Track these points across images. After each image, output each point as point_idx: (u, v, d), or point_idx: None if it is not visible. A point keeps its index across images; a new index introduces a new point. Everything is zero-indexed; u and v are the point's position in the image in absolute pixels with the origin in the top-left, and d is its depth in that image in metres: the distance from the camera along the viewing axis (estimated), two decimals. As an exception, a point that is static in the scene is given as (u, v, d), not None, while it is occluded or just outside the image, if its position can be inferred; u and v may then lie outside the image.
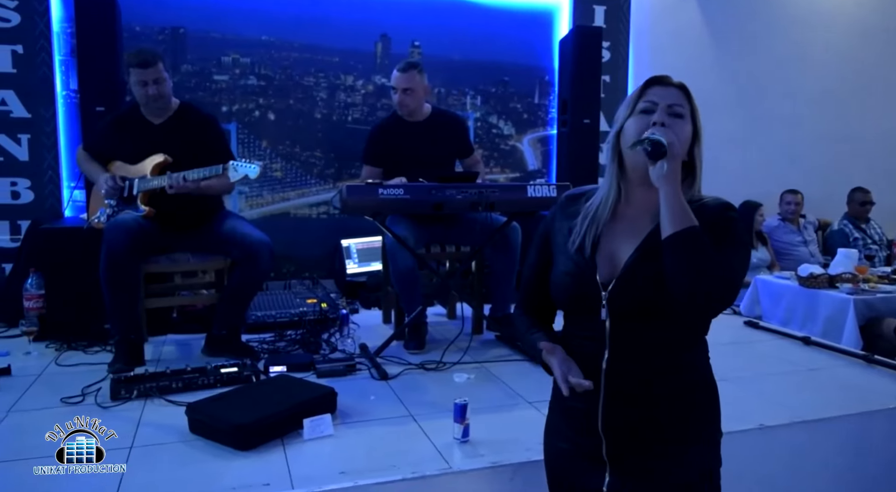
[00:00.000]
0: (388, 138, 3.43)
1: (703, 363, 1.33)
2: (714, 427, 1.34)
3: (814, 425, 2.27)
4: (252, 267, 2.89)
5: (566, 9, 4.92)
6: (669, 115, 1.26)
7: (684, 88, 1.30)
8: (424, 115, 3.48)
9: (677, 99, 1.27)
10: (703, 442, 1.31)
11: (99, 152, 3.04)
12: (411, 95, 3.36)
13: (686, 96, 1.29)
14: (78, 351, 3.05)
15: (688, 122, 1.27)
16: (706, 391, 1.34)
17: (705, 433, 1.32)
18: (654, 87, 1.29)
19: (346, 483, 1.80)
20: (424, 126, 3.46)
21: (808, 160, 5.66)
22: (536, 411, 2.32)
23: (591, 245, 1.29)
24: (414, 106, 3.40)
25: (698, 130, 1.29)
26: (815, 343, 3.28)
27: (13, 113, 3.87)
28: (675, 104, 1.27)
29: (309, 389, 2.34)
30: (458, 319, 3.69)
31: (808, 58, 5.69)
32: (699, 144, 1.29)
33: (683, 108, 1.27)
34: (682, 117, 1.27)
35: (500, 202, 2.97)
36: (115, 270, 2.75)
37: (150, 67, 2.80)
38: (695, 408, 1.30)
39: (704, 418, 1.32)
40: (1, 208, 3.92)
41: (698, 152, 1.29)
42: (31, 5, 3.84)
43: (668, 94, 1.28)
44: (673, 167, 1.19)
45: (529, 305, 1.45)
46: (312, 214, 4.48)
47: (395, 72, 3.39)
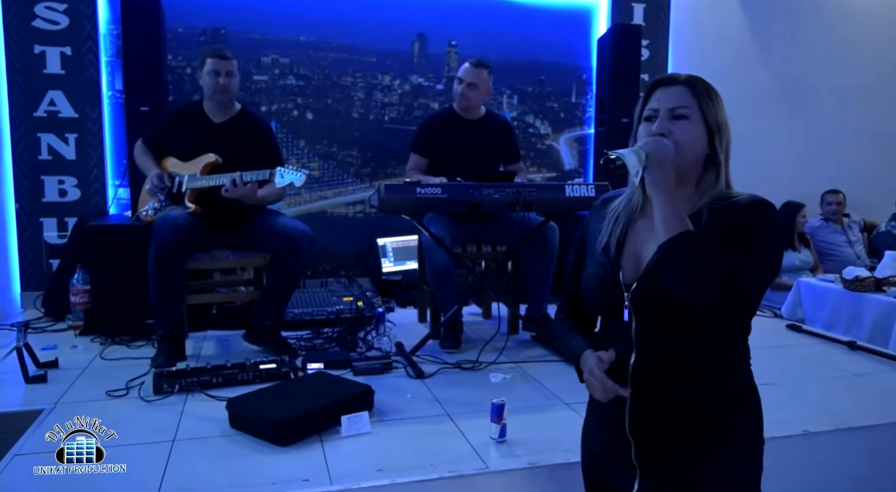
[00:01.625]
0: (439, 130, 3.46)
1: (740, 368, 1.28)
2: (753, 435, 1.28)
3: (860, 432, 2.21)
4: (293, 257, 2.93)
5: (605, 7, 4.87)
6: (672, 119, 1.23)
7: (691, 84, 1.25)
8: (479, 115, 3.50)
9: (680, 100, 1.24)
10: (739, 450, 1.24)
11: (156, 146, 3.11)
12: (474, 91, 3.38)
13: (693, 93, 1.24)
14: (122, 345, 3.12)
15: (694, 121, 1.24)
16: (743, 397, 1.28)
17: (741, 441, 1.25)
18: (657, 90, 1.27)
19: (383, 481, 1.81)
20: (477, 125, 3.47)
21: (853, 159, 5.50)
22: (573, 412, 2.30)
23: (616, 246, 1.29)
24: (475, 102, 3.42)
25: (719, 122, 1.25)
26: (861, 348, 3.19)
27: (61, 113, 3.98)
28: (676, 106, 1.23)
29: (346, 386, 2.37)
30: (493, 318, 3.68)
31: (852, 53, 5.53)
32: (720, 137, 1.25)
33: (688, 108, 1.23)
34: (686, 118, 1.23)
35: (537, 202, 2.96)
36: (163, 265, 2.81)
37: (228, 60, 2.98)
38: (730, 415, 1.25)
39: (740, 425, 1.26)
40: (49, 206, 4.03)
41: (720, 146, 1.25)
42: (78, 8, 3.94)
43: (671, 95, 1.25)
44: (659, 175, 1.17)
45: (569, 308, 1.45)
46: (349, 213, 4.52)
47: (465, 64, 3.42)
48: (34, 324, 3.44)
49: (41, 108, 3.95)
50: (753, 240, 1.17)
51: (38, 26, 3.90)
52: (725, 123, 1.26)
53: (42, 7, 3.89)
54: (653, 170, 1.18)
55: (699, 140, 1.24)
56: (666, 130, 1.22)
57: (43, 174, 4.00)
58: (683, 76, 1.27)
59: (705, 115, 1.24)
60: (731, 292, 1.13)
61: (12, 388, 2.56)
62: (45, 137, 3.97)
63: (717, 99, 1.26)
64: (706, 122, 1.24)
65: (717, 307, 1.13)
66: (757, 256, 1.16)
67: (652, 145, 1.19)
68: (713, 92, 1.27)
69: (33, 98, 3.93)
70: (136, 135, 3.28)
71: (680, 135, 1.22)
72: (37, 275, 4.00)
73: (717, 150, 1.24)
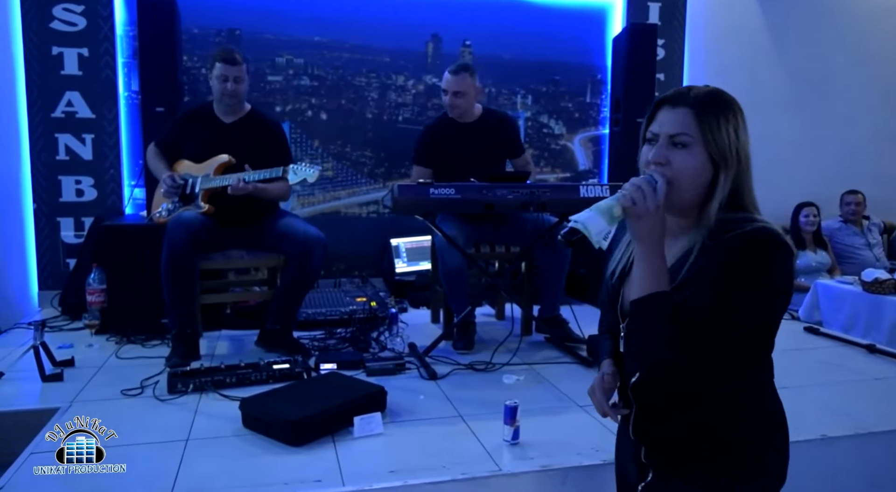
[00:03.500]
0: (438, 139, 3.43)
1: (751, 392, 1.19)
2: (769, 458, 1.20)
3: (880, 437, 2.18)
4: (306, 263, 2.94)
5: (620, 6, 4.84)
6: (671, 146, 1.14)
7: (698, 107, 1.13)
8: (475, 116, 3.46)
9: (682, 126, 1.13)
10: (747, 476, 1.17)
11: (169, 148, 3.13)
12: (462, 98, 3.34)
13: (697, 118, 1.13)
14: (137, 344, 3.14)
15: (695, 151, 1.13)
16: (757, 422, 1.19)
17: (752, 464, 1.17)
18: (661, 109, 1.17)
19: (395, 482, 1.80)
20: (475, 127, 3.45)
21: (872, 160, 5.43)
22: (587, 415, 2.29)
23: (620, 275, 1.28)
24: (464, 108, 3.38)
25: (725, 152, 1.13)
26: (881, 351, 3.14)
27: (78, 113, 4.02)
28: (677, 133, 1.13)
29: (359, 387, 2.36)
30: (506, 319, 3.67)
31: (871, 53, 5.45)
32: (726, 168, 1.13)
33: (689, 136, 1.13)
34: (685, 147, 1.13)
35: (551, 202, 2.94)
36: (175, 265, 2.83)
37: (236, 65, 2.97)
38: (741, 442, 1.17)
39: (754, 450, 1.18)
40: (66, 205, 4.07)
41: (724, 178, 1.13)
42: (95, 10, 3.98)
43: (673, 119, 1.14)
44: (639, 228, 1.10)
45: (603, 323, 1.45)
46: (362, 213, 4.52)
47: (445, 74, 3.37)
48: (51, 323, 3.48)
49: (59, 108, 3.99)
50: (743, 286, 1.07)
51: (56, 28, 3.94)
52: (736, 152, 1.13)
53: (60, 9, 3.93)
54: (632, 223, 1.11)
55: (700, 172, 1.13)
56: (663, 159, 1.14)
57: (60, 174, 4.04)
58: (691, 96, 1.15)
59: (708, 144, 1.12)
60: (683, 364, 1.10)
61: (29, 386, 2.58)
62: (63, 137, 4.02)
63: (727, 123, 1.13)
64: (709, 151, 1.13)
65: (666, 373, 1.14)
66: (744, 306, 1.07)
67: (630, 197, 1.10)
68: (725, 115, 1.14)
69: (51, 99, 3.98)
70: (152, 135, 3.31)
71: (678, 165, 1.13)
72: (54, 274, 4.05)
73: (718, 183, 1.13)
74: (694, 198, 1.16)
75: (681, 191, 1.14)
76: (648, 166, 1.17)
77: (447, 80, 3.35)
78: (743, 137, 1.15)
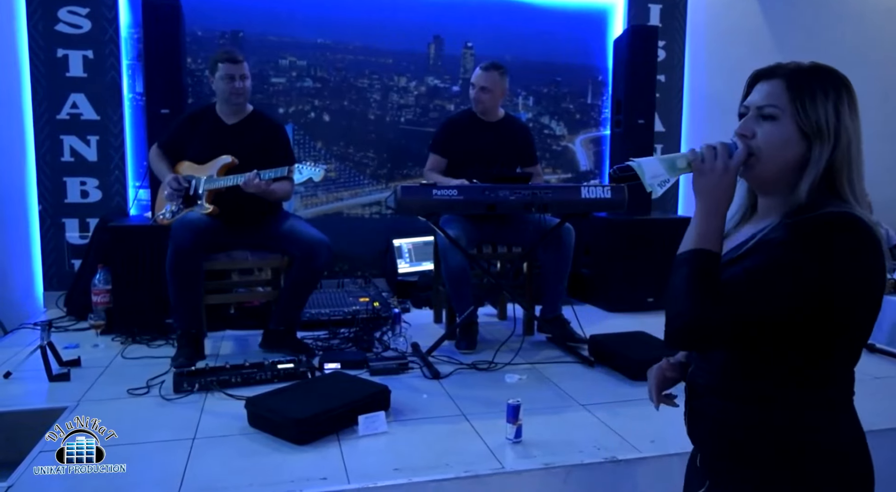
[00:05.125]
0: (458, 131, 3.48)
1: (814, 410, 1.06)
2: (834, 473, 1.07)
3: (880, 435, 2.19)
4: (310, 264, 2.97)
5: (621, 8, 4.85)
6: (759, 118, 1.09)
7: (791, 78, 1.08)
8: (498, 117, 3.52)
9: (770, 97, 1.09)
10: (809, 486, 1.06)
11: (171, 149, 3.15)
12: (488, 94, 3.41)
13: (789, 89, 1.07)
14: (142, 344, 3.17)
15: (784, 123, 1.07)
16: (819, 453, 1.06)
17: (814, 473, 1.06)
18: (757, 83, 1.13)
19: (400, 480, 1.83)
20: (496, 127, 3.50)
21: (874, 162, 5.39)
22: (589, 414, 2.31)
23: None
24: (489, 105, 3.44)
25: (820, 126, 1.05)
26: (881, 351, 3.16)
27: (83, 115, 4.04)
28: (765, 105, 1.09)
29: (363, 386, 2.39)
30: (508, 319, 3.69)
31: (873, 53, 5.46)
32: (821, 143, 1.05)
33: (777, 108, 1.07)
34: (773, 119, 1.08)
35: (553, 203, 2.96)
36: (180, 265, 2.86)
37: (240, 63, 3.01)
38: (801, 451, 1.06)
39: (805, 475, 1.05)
40: (71, 207, 4.09)
41: (819, 153, 1.05)
42: (100, 12, 4.00)
43: (764, 91, 1.10)
44: (703, 184, 1.07)
45: None
46: (365, 214, 4.55)
47: (477, 69, 3.45)
48: (57, 323, 3.50)
49: (64, 110, 4.01)
50: (796, 262, 0.98)
51: (61, 30, 3.96)
52: (835, 130, 1.05)
53: (65, 11, 3.95)
54: (697, 177, 1.08)
55: (788, 145, 1.07)
56: (748, 132, 1.10)
57: (65, 176, 4.06)
58: (787, 67, 1.11)
59: (798, 116, 1.06)
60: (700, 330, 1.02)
61: (36, 385, 2.61)
62: (68, 139, 4.04)
63: (825, 97, 1.06)
64: (799, 125, 1.06)
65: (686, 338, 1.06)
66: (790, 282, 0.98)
67: (701, 154, 1.08)
68: (823, 88, 1.07)
69: (56, 101, 4.00)
70: (157, 137, 3.33)
71: (763, 138, 1.08)
72: (59, 275, 4.07)
73: (813, 157, 1.05)
74: (780, 174, 1.09)
75: (765, 164, 1.09)
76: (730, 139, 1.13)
77: (477, 75, 3.43)
78: (845, 116, 1.07)
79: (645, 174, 1.11)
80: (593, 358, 2.93)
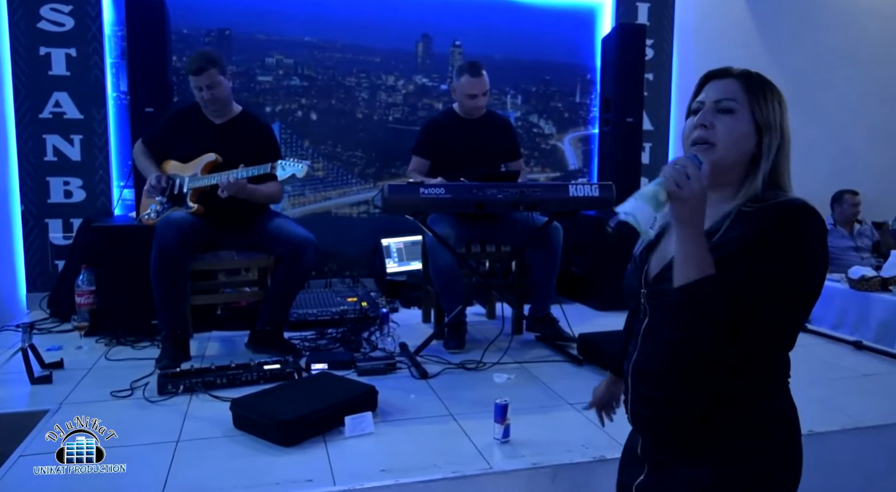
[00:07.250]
0: (441, 133, 3.45)
1: (756, 392, 1.15)
2: (772, 466, 1.15)
3: (868, 432, 2.20)
4: (297, 264, 2.94)
5: (609, 6, 4.85)
6: (717, 112, 1.16)
7: (745, 78, 1.18)
8: (480, 114, 3.49)
9: (728, 92, 1.17)
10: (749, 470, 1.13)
11: (156, 147, 3.11)
12: (485, 98, 3.38)
13: (744, 87, 1.17)
14: (127, 346, 3.13)
15: (741, 117, 1.15)
16: (763, 419, 1.15)
17: (747, 467, 1.13)
18: (708, 82, 1.22)
19: (387, 481, 1.81)
20: (478, 125, 3.47)
21: (862, 159, 5.47)
22: (577, 413, 2.29)
23: (651, 244, 1.25)
24: (482, 105, 3.41)
25: (770, 122, 1.15)
26: (868, 348, 3.17)
27: (67, 114, 3.99)
28: (723, 99, 1.16)
29: (350, 386, 2.36)
30: (497, 319, 3.67)
31: (862, 51, 5.49)
32: (770, 137, 1.15)
33: (735, 102, 1.16)
34: (731, 113, 1.15)
35: (541, 202, 2.95)
36: (164, 265, 2.82)
37: (203, 73, 2.91)
38: (743, 435, 1.14)
39: (752, 453, 1.13)
40: (54, 207, 4.04)
41: (768, 147, 1.15)
42: (84, 10, 3.96)
43: (720, 87, 1.18)
44: (683, 212, 1.06)
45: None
46: (353, 214, 4.52)
47: (465, 77, 3.32)
48: (40, 325, 3.46)
49: (47, 109, 3.96)
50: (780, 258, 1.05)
51: (44, 28, 3.91)
52: (780, 126, 1.17)
53: (47, 9, 3.90)
54: (677, 207, 1.07)
55: (744, 138, 1.15)
56: (708, 123, 1.16)
57: (48, 175, 4.01)
58: (738, 70, 1.20)
59: (754, 111, 1.16)
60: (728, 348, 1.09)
61: (18, 388, 2.56)
62: (51, 138, 3.99)
63: (773, 98, 1.17)
64: (755, 119, 1.16)
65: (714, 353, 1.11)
66: (781, 280, 1.05)
67: (674, 180, 1.05)
68: (771, 91, 1.18)
69: (39, 100, 3.95)
70: (141, 136, 3.29)
71: (722, 130, 1.15)
72: (42, 276, 4.02)
73: (763, 150, 1.16)
74: (735, 162, 1.16)
75: (724, 155, 1.15)
76: (692, 145, 1.17)
77: (472, 83, 3.32)
78: (786, 115, 1.18)
79: (640, 223, 1.08)
80: (582, 357, 2.92)
